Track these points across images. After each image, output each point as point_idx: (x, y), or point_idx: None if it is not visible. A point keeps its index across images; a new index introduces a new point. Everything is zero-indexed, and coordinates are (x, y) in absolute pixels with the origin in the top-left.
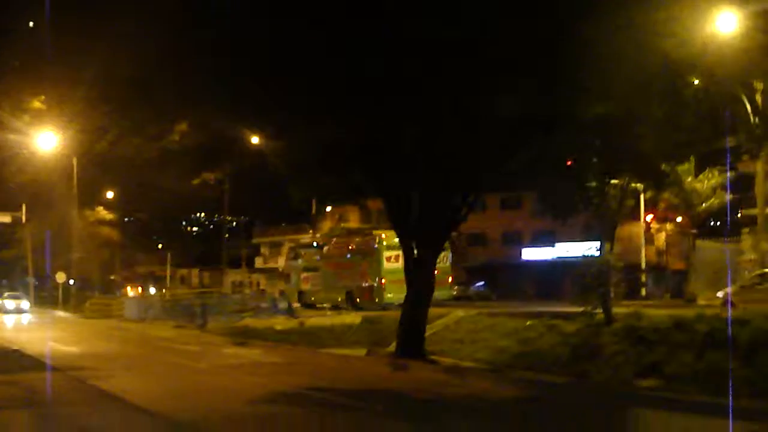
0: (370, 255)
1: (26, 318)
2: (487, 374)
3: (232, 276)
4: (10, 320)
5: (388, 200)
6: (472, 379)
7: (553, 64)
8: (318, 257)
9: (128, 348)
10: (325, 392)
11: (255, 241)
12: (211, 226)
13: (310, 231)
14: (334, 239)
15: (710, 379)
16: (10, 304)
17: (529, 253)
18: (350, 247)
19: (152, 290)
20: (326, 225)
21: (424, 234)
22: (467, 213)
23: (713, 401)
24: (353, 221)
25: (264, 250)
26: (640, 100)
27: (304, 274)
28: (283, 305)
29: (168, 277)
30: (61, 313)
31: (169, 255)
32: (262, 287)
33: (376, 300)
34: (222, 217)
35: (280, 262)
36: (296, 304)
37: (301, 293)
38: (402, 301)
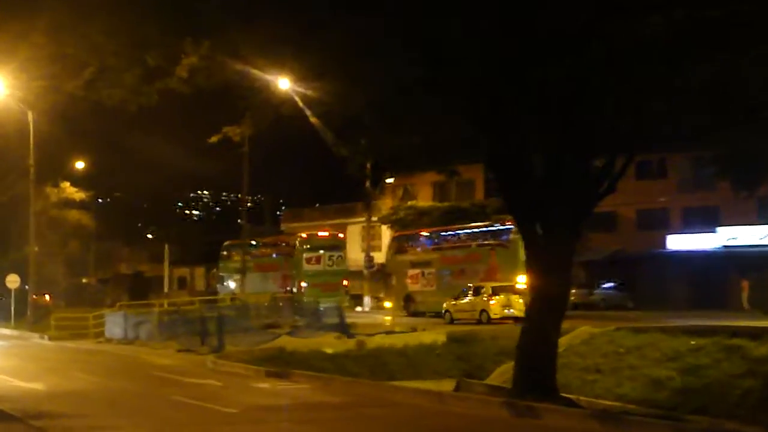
0: (291, 256)
1: None
2: (655, 424)
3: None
4: None
5: (498, 163)
6: None
7: None
8: (249, 257)
9: (116, 383)
10: None
11: (284, 228)
12: (219, 208)
13: (363, 214)
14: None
15: None
16: None
17: (679, 241)
18: (277, 246)
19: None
20: (385, 204)
21: (554, 214)
22: (615, 182)
23: None
24: (423, 198)
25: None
26: None
27: (235, 277)
28: (331, 318)
29: (166, 279)
30: (13, 333)
31: (166, 248)
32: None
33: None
34: (239, 195)
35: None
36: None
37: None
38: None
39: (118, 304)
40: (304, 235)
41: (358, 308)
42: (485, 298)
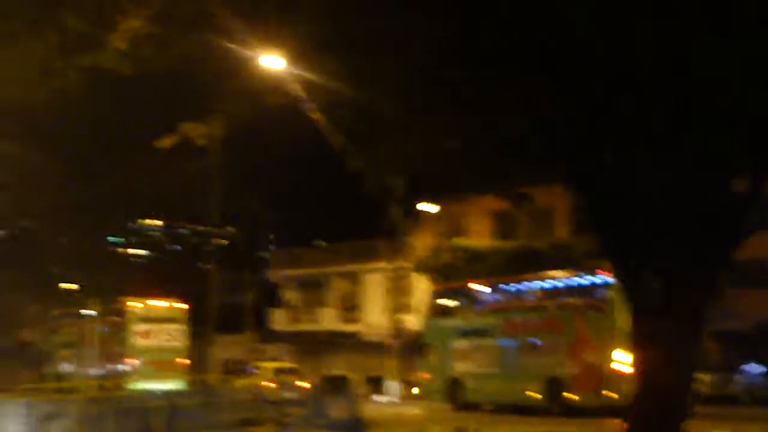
0: (121, 328)
1: None
2: None
3: (226, 348)
4: None
5: (588, 178)
6: None
7: None
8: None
9: None
10: None
11: (275, 276)
12: (178, 247)
13: (388, 257)
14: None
15: None
16: None
17: None
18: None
19: None
20: (422, 242)
21: (675, 260)
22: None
23: None
24: (479, 234)
25: (292, 294)
26: None
27: (63, 353)
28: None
29: None
30: None
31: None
32: (290, 374)
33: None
34: (207, 223)
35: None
36: None
37: None
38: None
39: (19, 387)
40: (138, 304)
41: (378, 397)
42: (262, 381)
